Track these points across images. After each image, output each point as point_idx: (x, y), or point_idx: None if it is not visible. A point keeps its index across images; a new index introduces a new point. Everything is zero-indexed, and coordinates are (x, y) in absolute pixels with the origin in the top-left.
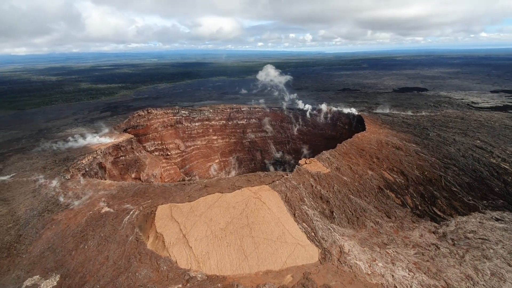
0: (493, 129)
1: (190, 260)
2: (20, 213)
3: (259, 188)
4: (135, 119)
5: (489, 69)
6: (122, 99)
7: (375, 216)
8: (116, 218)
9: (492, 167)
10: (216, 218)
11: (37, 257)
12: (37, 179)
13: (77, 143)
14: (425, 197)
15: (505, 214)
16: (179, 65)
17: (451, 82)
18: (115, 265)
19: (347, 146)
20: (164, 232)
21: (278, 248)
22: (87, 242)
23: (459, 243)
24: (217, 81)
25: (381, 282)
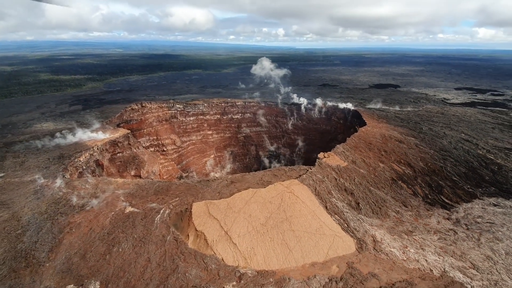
0: (471, 123)
1: (237, 256)
2: (27, 218)
3: (290, 183)
4: (128, 113)
5: (449, 68)
6: (91, 91)
7: (395, 206)
8: (146, 217)
9: (480, 158)
10: (255, 213)
11: (64, 264)
12: (34, 179)
13: (66, 139)
14: (432, 186)
15: (500, 200)
16: (148, 57)
17: (419, 80)
18: (160, 267)
19: (356, 140)
20: (205, 230)
21: (318, 241)
22: (121, 245)
23: (472, 228)
24: (193, 74)
25: (418, 266)
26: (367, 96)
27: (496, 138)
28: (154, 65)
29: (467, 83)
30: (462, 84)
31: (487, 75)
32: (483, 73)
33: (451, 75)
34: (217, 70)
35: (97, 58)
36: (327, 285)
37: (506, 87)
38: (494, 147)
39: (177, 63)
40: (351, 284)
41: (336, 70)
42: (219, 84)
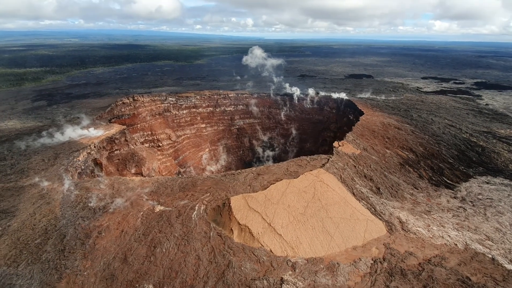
0: (448, 110)
1: (284, 247)
2: (43, 225)
3: (318, 172)
4: (119, 108)
5: (413, 59)
6: (54, 85)
7: (408, 189)
8: (181, 215)
9: (466, 141)
10: (293, 203)
11: (105, 271)
12: (35, 183)
13: (53, 138)
14: (434, 169)
15: (490, 178)
16: (110, 47)
17: (388, 70)
18: (212, 264)
19: (360, 129)
20: (248, 223)
21: (354, 225)
22: (163, 245)
23: (477, 204)
24: (164, 66)
25: (444, 242)
26: (350, 86)
27: (472, 123)
28: (119, 56)
29: (431, 73)
30: (427, 74)
31: (447, 65)
32: (443, 63)
33: (415, 65)
34: (189, 61)
35: (52, 49)
36: (373, 266)
37: (464, 76)
38: (474, 131)
39: (144, 54)
40: (394, 264)
41: (309, 61)
42: (195, 75)
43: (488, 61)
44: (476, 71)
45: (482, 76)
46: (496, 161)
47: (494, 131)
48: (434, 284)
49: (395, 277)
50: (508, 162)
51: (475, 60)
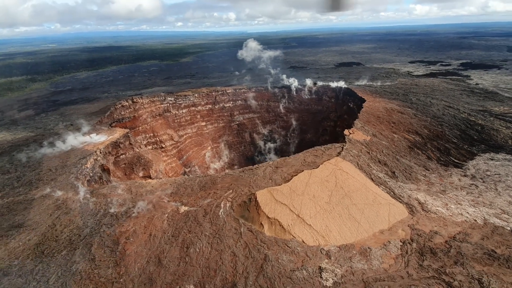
0: (442, 91)
1: (315, 236)
2: (66, 236)
3: (336, 160)
4: (118, 111)
5: (397, 44)
6: (38, 93)
7: (420, 171)
8: (208, 214)
9: (465, 121)
10: (318, 193)
11: (141, 276)
12: (47, 194)
13: (54, 148)
14: (441, 149)
15: (493, 155)
16: (91, 50)
17: (375, 56)
18: (249, 259)
19: (366, 116)
20: (277, 216)
21: (378, 210)
22: (195, 245)
23: (487, 180)
24: (150, 66)
25: (464, 219)
26: (343, 74)
27: (467, 102)
28: (101, 59)
29: (417, 57)
30: (413, 58)
31: (431, 48)
32: (427, 46)
33: (401, 50)
34: (174, 60)
35: (31, 56)
36: (403, 248)
37: (450, 58)
38: (471, 110)
39: (127, 55)
40: (422, 243)
41: (296, 52)
42: (184, 74)
43: (470, 42)
44: (460, 52)
45: (466, 57)
46: (496, 138)
47: (489, 109)
48: (464, 260)
49: (426, 256)
50: (507, 138)
51: (458, 42)
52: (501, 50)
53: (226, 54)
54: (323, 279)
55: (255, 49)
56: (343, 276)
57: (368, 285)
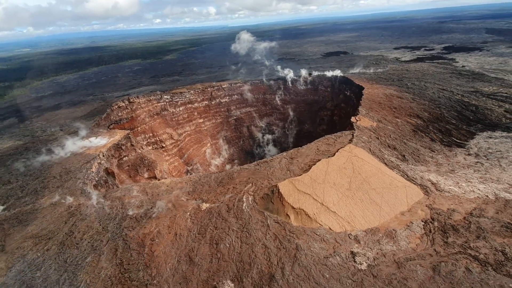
0: (433, 75)
1: (341, 223)
2: (87, 242)
3: (350, 148)
4: (115, 113)
5: (380, 31)
6: (19, 100)
7: (427, 152)
8: (231, 209)
9: (460, 102)
10: (338, 181)
11: (175, 276)
12: (58, 201)
13: (53, 155)
14: (442, 131)
15: (490, 133)
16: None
17: (360, 45)
18: (281, 250)
19: (368, 102)
20: (302, 205)
21: (396, 193)
22: (224, 240)
23: (490, 157)
24: (133, 65)
25: (476, 196)
26: (334, 63)
27: (458, 84)
28: (80, 61)
29: (401, 43)
30: (397, 44)
31: (413, 33)
32: (409, 32)
33: (384, 37)
34: (158, 58)
35: (6, 62)
36: (426, 227)
37: (432, 42)
38: (464, 92)
39: (107, 55)
40: (443, 222)
41: (282, 43)
42: (170, 71)
43: (449, 26)
44: (441, 36)
45: (447, 41)
46: (490, 117)
47: (480, 90)
48: (485, 234)
49: (449, 233)
50: (501, 117)
51: (437, 26)
52: (479, 32)
53: (210, 50)
54: (357, 263)
55: (249, 41)
56: (375, 258)
57: (400, 265)
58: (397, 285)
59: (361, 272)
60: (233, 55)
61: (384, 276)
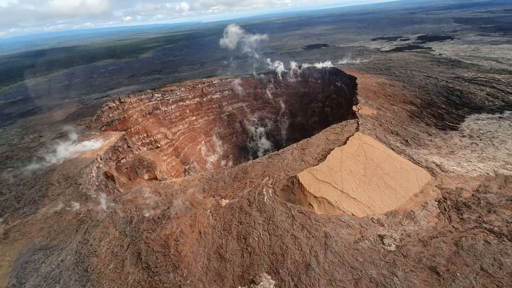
0: (415, 64)
1: (362, 208)
2: (106, 249)
3: (359, 135)
4: (106, 114)
5: (355, 23)
6: None
7: (425, 136)
8: (252, 203)
9: (445, 88)
10: (353, 168)
11: (207, 274)
12: (63, 210)
13: (43, 163)
14: (435, 115)
15: (477, 115)
16: (33, 54)
17: (338, 37)
18: (311, 239)
19: (364, 92)
20: (324, 194)
21: (407, 176)
22: (252, 234)
23: (483, 138)
24: (107, 65)
25: (478, 174)
26: (318, 56)
27: (440, 71)
28: (48, 63)
29: (377, 34)
30: (374, 35)
31: (387, 25)
32: (383, 23)
33: (360, 29)
34: (133, 56)
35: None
36: (441, 206)
37: (406, 33)
38: (447, 78)
39: (77, 56)
40: (454, 200)
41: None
42: (150, 70)
43: (420, 17)
44: (414, 26)
45: (420, 31)
46: (474, 100)
47: (461, 75)
48: (494, 208)
49: (463, 210)
50: (484, 100)
51: (409, 17)
52: (449, 22)
53: (188, 46)
54: (386, 245)
55: (238, 35)
56: (401, 239)
57: (426, 244)
58: (427, 262)
59: (392, 253)
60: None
61: (414, 255)
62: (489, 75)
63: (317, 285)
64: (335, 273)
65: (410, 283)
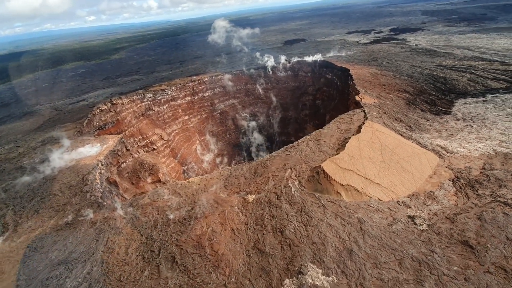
0: (397, 54)
1: (387, 192)
2: (135, 256)
3: (369, 123)
4: (98, 118)
5: (328, 18)
6: None
7: (424, 121)
8: (280, 196)
9: (430, 76)
10: (372, 155)
11: (251, 270)
12: (75, 220)
13: (36, 174)
14: (428, 102)
15: (463, 100)
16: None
17: (314, 31)
18: (346, 226)
19: (360, 82)
20: (350, 182)
21: (420, 159)
22: (287, 227)
23: (475, 120)
24: (76, 68)
25: (480, 153)
26: (301, 50)
27: (421, 60)
28: (9, 69)
29: (351, 28)
30: (348, 29)
31: (359, 19)
32: (355, 17)
33: (334, 23)
34: (103, 58)
35: None
36: (456, 185)
37: (378, 26)
38: (430, 66)
39: (41, 59)
40: (467, 178)
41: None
42: (125, 71)
43: (388, 10)
44: (384, 20)
45: (391, 24)
46: (458, 86)
47: (441, 64)
48: (503, 182)
49: (476, 186)
50: (466, 85)
51: (378, 11)
52: (416, 14)
53: (161, 45)
54: (418, 225)
55: (226, 29)
56: (430, 218)
57: (453, 220)
58: (458, 238)
59: (425, 232)
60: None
61: (445, 232)
62: (466, 62)
63: (364, 269)
64: (378, 256)
65: (449, 258)
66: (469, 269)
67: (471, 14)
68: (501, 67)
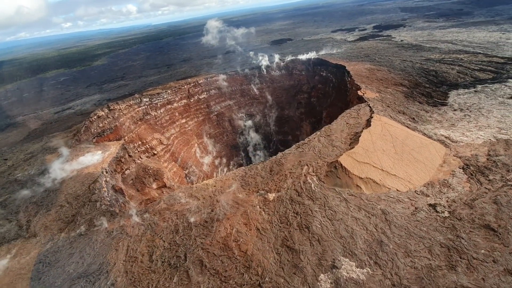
0: (385, 50)
1: (404, 183)
2: (160, 263)
3: (377, 117)
4: (95, 124)
5: (311, 17)
6: None
7: (424, 113)
8: (301, 192)
9: (422, 69)
10: (385, 147)
11: (284, 268)
12: (89, 231)
13: (38, 187)
14: (424, 94)
15: (456, 91)
16: None
17: (300, 31)
18: (371, 218)
19: (358, 77)
20: (368, 175)
21: (429, 150)
22: (312, 223)
23: (472, 109)
24: (58, 76)
25: (482, 141)
26: (291, 49)
27: (410, 55)
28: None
29: (335, 26)
30: (333, 28)
31: (341, 17)
32: (337, 16)
33: (317, 22)
34: (85, 64)
35: None
36: (467, 172)
37: (361, 24)
38: (420, 61)
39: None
40: (475, 165)
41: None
42: (110, 77)
43: (369, 8)
44: (366, 17)
45: (373, 21)
46: (449, 78)
47: (430, 58)
48: (510, 167)
49: (486, 172)
50: (456, 77)
51: (359, 9)
52: (396, 11)
53: (144, 50)
54: (440, 213)
55: (218, 29)
56: (449, 205)
57: (471, 205)
58: (480, 222)
59: (448, 219)
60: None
61: (466, 217)
62: (452, 55)
63: (396, 258)
64: (407, 245)
65: (475, 242)
66: (495, 251)
67: (449, 9)
68: (485, 59)
